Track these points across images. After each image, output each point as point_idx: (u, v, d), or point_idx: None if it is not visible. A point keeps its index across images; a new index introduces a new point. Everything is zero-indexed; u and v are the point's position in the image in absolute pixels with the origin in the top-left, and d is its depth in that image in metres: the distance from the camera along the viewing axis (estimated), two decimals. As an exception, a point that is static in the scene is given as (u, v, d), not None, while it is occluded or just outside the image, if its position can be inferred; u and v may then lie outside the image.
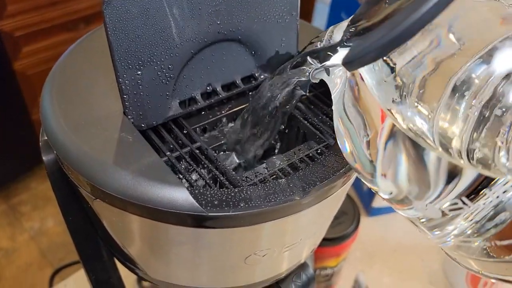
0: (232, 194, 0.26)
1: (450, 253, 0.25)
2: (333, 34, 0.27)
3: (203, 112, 0.34)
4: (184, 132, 0.31)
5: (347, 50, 0.23)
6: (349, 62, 0.21)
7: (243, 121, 0.33)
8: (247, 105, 0.34)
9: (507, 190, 0.21)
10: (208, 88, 0.33)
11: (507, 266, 0.22)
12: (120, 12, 0.26)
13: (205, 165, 0.29)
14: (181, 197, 0.25)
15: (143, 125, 0.30)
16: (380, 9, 0.24)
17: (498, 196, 0.22)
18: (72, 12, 1.30)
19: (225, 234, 0.27)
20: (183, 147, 0.30)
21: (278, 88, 0.30)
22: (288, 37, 0.34)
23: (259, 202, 0.25)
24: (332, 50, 0.27)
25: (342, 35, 0.26)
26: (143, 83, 0.29)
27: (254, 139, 0.33)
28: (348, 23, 0.27)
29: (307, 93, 0.31)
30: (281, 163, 0.30)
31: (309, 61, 0.27)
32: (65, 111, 0.29)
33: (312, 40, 0.29)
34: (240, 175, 0.29)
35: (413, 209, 0.24)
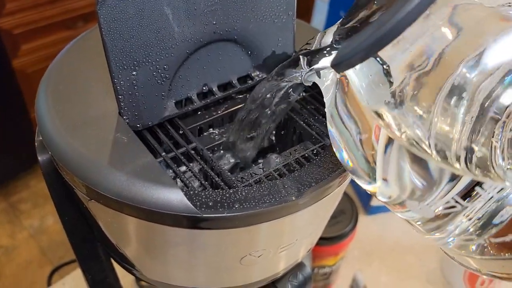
0: (227, 195, 0.25)
1: (449, 252, 0.25)
2: (324, 36, 0.27)
3: (199, 112, 0.34)
4: (180, 132, 0.31)
5: (336, 52, 0.23)
6: (337, 64, 0.21)
7: (238, 122, 0.33)
8: (243, 105, 0.34)
9: (502, 188, 0.21)
10: (204, 88, 0.33)
11: (504, 263, 0.22)
12: (114, 13, 0.26)
13: (201, 165, 0.29)
14: (175, 198, 0.25)
15: (138, 125, 0.30)
16: (368, 10, 0.24)
17: (493, 196, 0.22)
18: (71, 10, 1.30)
19: (220, 235, 0.27)
20: (179, 148, 0.30)
21: (271, 91, 0.30)
22: (285, 37, 0.34)
23: (254, 203, 0.25)
24: (321, 52, 0.27)
25: (332, 37, 0.27)
26: (138, 83, 0.29)
27: (249, 139, 0.33)
28: (338, 25, 0.27)
29: (301, 95, 0.31)
30: (277, 164, 0.30)
31: (300, 64, 0.27)
32: (60, 111, 0.29)
33: (308, 42, 0.29)
34: (236, 175, 0.29)
35: (411, 211, 0.23)
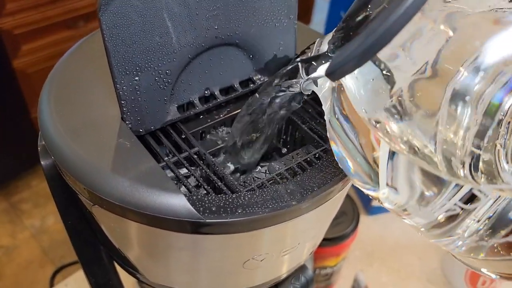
0: (230, 200, 0.26)
1: (458, 256, 0.25)
2: (321, 44, 0.28)
3: (202, 116, 0.34)
4: (182, 137, 0.31)
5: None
6: (332, 73, 0.21)
7: (238, 126, 0.33)
8: (240, 110, 0.34)
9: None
10: (206, 92, 0.33)
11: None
12: (116, 18, 0.26)
13: (203, 170, 0.29)
14: (178, 203, 0.25)
15: (141, 130, 0.30)
16: (362, 17, 0.24)
17: (493, 200, 0.22)
18: (72, 10, 1.30)
19: (223, 239, 0.27)
20: (181, 152, 0.30)
21: (269, 99, 0.30)
22: (286, 41, 0.34)
23: (256, 209, 0.25)
24: (317, 61, 0.27)
25: (327, 46, 0.27)
26: (141, 88, 0.29)
27: (250, 144, 0.33)
28: (333, 33, 0.27)
29: (301, 104, 0.32)
30: (279, 168, 0.30)
31: (299, 73, 0.28)
32: (62, 116, 0.29)
33: (307, 48, 0.29)
34: (238, 179, 0.29)
35: (414, 216, 0.23)
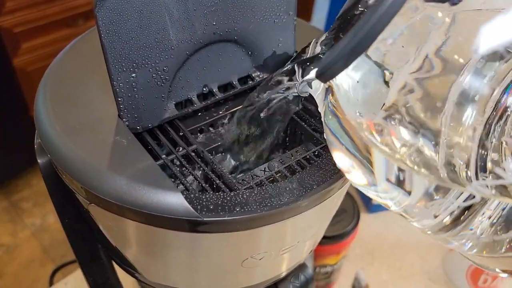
0: (228, 198, 0.25)
1: (471, 257, 0.24)
2: (317, 46, 0.27)
3: (200, 114, 0.34)
4: (180, 134, 0.31)
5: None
6: (321, 74, 0.21)
7: (237, 124, 0.33)
8: (241, 106, 0.34)
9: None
10: (204, 89, 0.33)
11: None
12: (113, 14, 0.26)
13: (201, 168, 0.29)
14: (176, 202, 0.25)
15: (138, 127, 0.30)
16: (351, 17, 0.24)
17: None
18: (71, 8, 1.29)
19: (221, 238, 0.27)
20: (179, 150, 0.30)
21: (267, 101, 0.30)
22: (285, 37, 0.34)
23: (255, 207, 0.25)
24: (311, 62, 0.27)
25: (320, 47, 0.27)
26: (138, 85, 0.29)
27: (249, 142, 0.33)
28: (326, 34, 0.27)
29: (300, 107, 0.32)
30: (278, 166, 0.30)
31: (295, 75, 0.28)
32: (59, 114, 0.29)
33: (304, 47, 0.29)
34: (237, 177, 0.28)
35: (416, 218, 0.23)
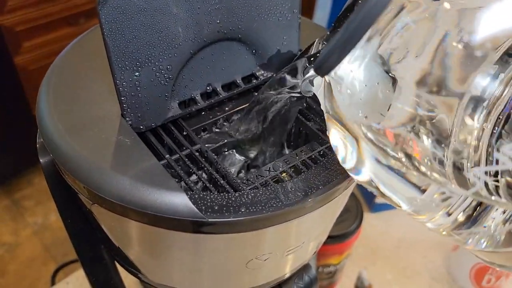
0: (233, 198, 0.25)
1: (492, 258, 0.24)
2: (319, 45, 0.27)
3: (203, 113, 0.33)
4: (184, 133, 0.31)
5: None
6: (318, 68, 0.22)
7: (241, 124, 0.32)
8: (247, 105, 0.34)
9: None
10: (208, 88, 0.32)
11: None
12: (116, 12, 0.26)
13: (205, 168, 0.29)
14: (180, 202, 0.24)
15: (141, 127, 0.29)
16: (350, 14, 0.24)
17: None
18: (73, 7, 1.29)
19: (226, 239, 0.26)
20: (183, 150, 0.30)
21: (271, 102, 0.30)
22: (290, 35, 0.34)
23: (260, 207, 0.25)
24: (311, 60, 0.26)
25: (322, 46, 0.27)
26: (141, 84, 0.28)
27: (253, 142, 0.33)
28: (328, 32, 0.27)
29: (304, 106, 0.31)
30: (283, 165, 0.29)
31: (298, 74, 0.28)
32: (61, 113, 0.28)
33: (307, 47, 0.29)
34: (241, 177, 0.28)
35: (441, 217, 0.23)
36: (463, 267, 0.62)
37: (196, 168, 0.29)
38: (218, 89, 0.33)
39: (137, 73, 0.28)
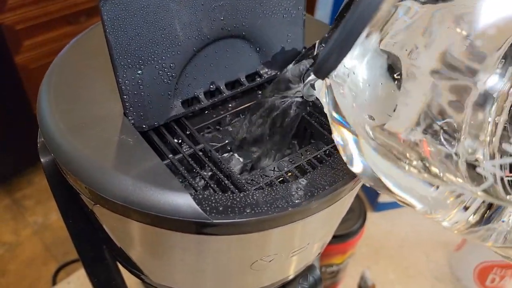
0: (238, 199, 0.24)
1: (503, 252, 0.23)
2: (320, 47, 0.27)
3: (207, 112, 0.33)
4: (187, 133, 0.30)
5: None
6: (318, 70, 0.21)
7: (245, 125, 0.32)
8: (252, 103, 0.33)
9: None
10: (212, 87, 0.32)
11: None
12: (118, 9, 0.25)
13: (209, 167, 0.28)
14: (184, 203, 0.24)
15: (144, 126, 0.29)
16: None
17: None
18: (73, 5, 1.29)
19: (230, 240, 0.26)
20: (186, 149, 0.29)
21: (275, 104, 0.30)
22: (294, 33, 0.33)
23: (266, 208, 0.24)
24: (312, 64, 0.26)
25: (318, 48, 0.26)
26: (144, 82, 0.28)
27: (257, 142, 0.32)
28: (326, 35, 0.27)
29: (306, 112, 0.31)
30: (288, 165, 0.29)
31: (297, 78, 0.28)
32: (62, 112, 0.28)
33: (307, 49, 0.28)
34: (245, 177, 0.28)
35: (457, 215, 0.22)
36: (467, 267, 0.62)
37: (199, 168, 0.28)
38: (221, 88, 0.32)
39: (139, 71, 0.27)
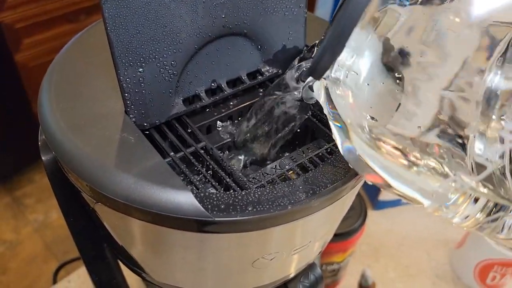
0: (239, 197, 0.24)
1: None
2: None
3: (208, 110, 0.33)
4: (188, 131, 0.30)
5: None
6: (313, 71, 0.22)
7: (248, 124, 0.32)
8: (253, 101, 0.33)
9: None
10: (213, 85, 0.32)
11: None
12: (120, 7, 0.25)
13: (210, 166, 0.28)
14: (186, 201, 0.24)
15: (145, 124, 0.29)
16: None
17: None
18: (73, 3, 1.28)
19: (232, 238, 0.26)
20: (187, 147, 0.29)
21: (276, 107, 0.30)
22: (296, 30, 0.33)
23: (267, 206, 0.24)
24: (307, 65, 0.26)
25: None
26: (145, 80, 0.28)
27: (259, 140, 0.32)
28: (322, 37, 0.27)
29: (310, 113, 0.31)
30: (290, 163, 0.29)
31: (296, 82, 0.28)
32: (63, 110, 0.28)
33: (310, 48, 0.28)
34: (247, 175, 0.28)
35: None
36: (468, 265, 0.62)
37: (201, 166, 0.28)
38: (222, 86, 0.32)
39: (141, 69, 0.27)
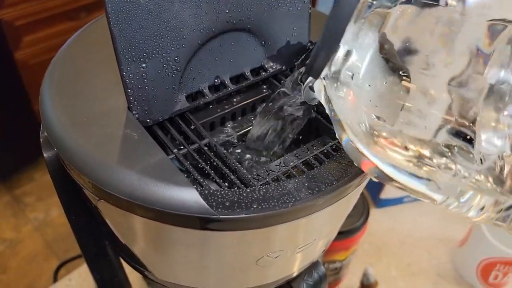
0: (244, 194, 0.24)
1: None
2: None
3: (211, 106, 0.33)
4: (192, 127, 0.30)
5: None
6: (310, 69, 0.22)
7: (254, 124, 0.31)
8: (257, 97, 0.33)
9: None
10: (216, 81, 0.31)
11: None
12: (122, 1, 0.25)
13: (214, 162, 0.28)
14: (190, 198, 0.23)
15: (148, 120, 0.29)
16: None
17: None
18: (73, 1, 1.28)
19: (236, 236, 0.26)
20: (191, 144, 0.29)
21: (280, 109, 0.30)
22: (300, 26, 0.33)
23: (273, 204, 0.24)
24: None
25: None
26: (148, 76, 0.27)
27: (263, 137, 0.32)
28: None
29: (313, 114, 0.31)
30: (294, 160, 0.28)
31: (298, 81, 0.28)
32: (66, 107, 0.28)
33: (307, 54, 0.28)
34: (251, 172, 0.27)
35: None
36: (470, 263, 0.62)
37: (205, 163, 0.28)
38: (226, 82, 0.32)
39: (144, 65, 0.27)
